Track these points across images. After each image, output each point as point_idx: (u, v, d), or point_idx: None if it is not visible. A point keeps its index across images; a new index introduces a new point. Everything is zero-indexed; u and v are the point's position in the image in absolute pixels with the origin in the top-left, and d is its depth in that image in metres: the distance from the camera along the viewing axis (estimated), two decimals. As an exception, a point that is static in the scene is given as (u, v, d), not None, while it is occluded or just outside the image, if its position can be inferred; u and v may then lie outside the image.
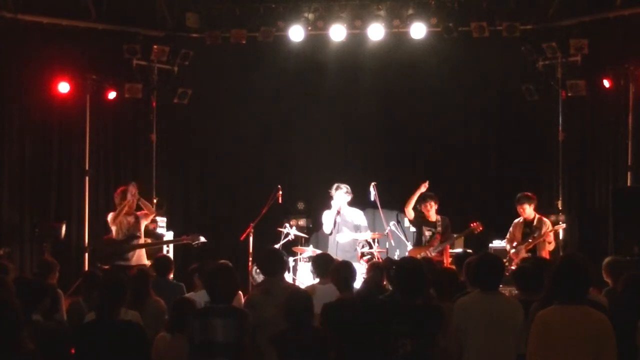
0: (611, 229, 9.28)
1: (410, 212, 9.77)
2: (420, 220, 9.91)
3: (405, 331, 4.81)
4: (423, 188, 9.72)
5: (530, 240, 9.24)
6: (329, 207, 10.04)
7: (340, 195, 9.77)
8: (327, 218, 9.84)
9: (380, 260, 9.38)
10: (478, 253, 6.53)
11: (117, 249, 8.88)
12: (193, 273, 6.71)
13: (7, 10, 10.63)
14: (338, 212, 9.76)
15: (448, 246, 9.70)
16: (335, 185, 9.87)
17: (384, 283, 6.53)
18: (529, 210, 9.37)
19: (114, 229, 8.96)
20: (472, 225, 9.67)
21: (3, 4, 10.58)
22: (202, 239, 9.45)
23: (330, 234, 9.84)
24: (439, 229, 9.68)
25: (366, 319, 5.11)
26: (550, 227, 9.29)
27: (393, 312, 4.96)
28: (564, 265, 4.28)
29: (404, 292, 4.99)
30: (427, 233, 9.74)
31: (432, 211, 9.74)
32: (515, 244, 9.40)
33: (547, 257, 8.98)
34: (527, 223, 9.41)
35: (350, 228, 9.82)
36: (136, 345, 4.66)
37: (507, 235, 9.61)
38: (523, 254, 9.20)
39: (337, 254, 8.94)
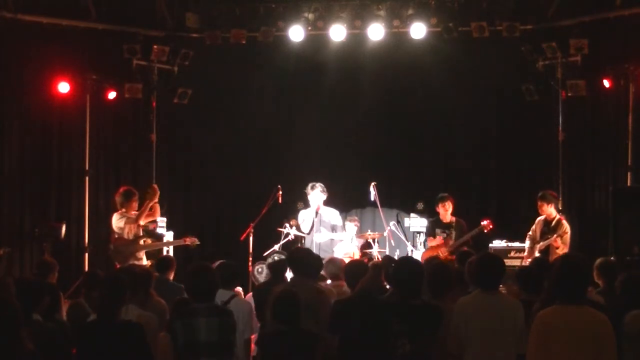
0: (611, 229, 9.25)
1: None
2: (434, 221, 9.87)
3: (404, 331, 4.81)
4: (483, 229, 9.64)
5: (543, 242, 9.19)
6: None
7: (317, 194, 9.76)
8: (306, 217, 9.81)
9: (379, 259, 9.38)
10: (479, 253, 6.52)
11: (132, 248, 8.98)
12: None
13: (7, 10, 10.61)
14: (317, 212, 9.73)
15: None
16: (310, 185, 9.86)
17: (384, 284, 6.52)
18: (547, 209, 9.27)
19: (126, 228, 8.98)
20: (482, 223, 9.63)
21: (3, 4, 10.57)
22: (197, 241, 9.71)
23: (309, 233, 9.82)
24: (452, 230, 9.63)
25: (365, 318, 5.10)
26: (563, 231, 9.15)
27: (392, 311, 4.95)
28: (564, 265, 4.28)
29: (403, 291, 4.99)
30: (441, 235, 9.69)
31: (447, 211, 9.70)
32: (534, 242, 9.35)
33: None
34: (547, 222, 9.34)
35: (327, 227, 9.83)
36: (137, 345, 4.66)
37: (530, 232, 9.56)
38: (535, 254, 9.15)
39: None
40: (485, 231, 9.69)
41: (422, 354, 4.82)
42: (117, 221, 9.04)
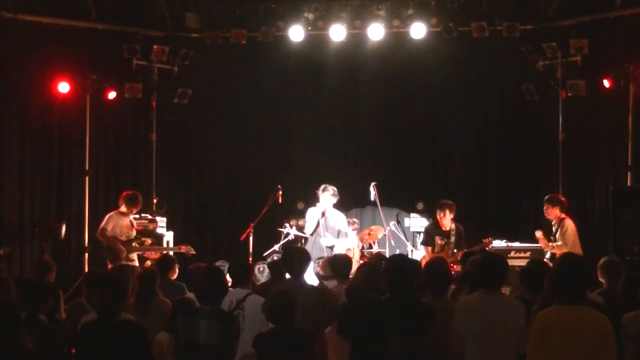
0: (611, 229, 9.24)
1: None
2: (433, 227, 9.81)
3: (396, 329, 4.78)
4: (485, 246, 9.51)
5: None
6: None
7: (327, 197, 9.70)
8: (312, 217, 9.79)
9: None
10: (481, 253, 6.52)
11: (126, 249, 9.06)
12: None
13: (7, 10, 10.61)
14: (323, 214, 9.71)
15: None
16: (322, 187, 9.80)
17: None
18: (552, 212, 9.18)
19: (117, 231, 9.06)
20: (484, 240, 9.48)
21: (3, 4, 10.57)
22: (193, 250, 9.69)
23: (312, 234, 9.80)
24: (452, 238, 9.55)
25: (358, 317, 5.07)
26: (562, 229, 9.05)
27: (384, 310, 4.93)
28: (564, 265, 4.28)
29: (394, 290, 4.97)
30: (440, 242, 9.64)
31: (446, 219, 9.56)
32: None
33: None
34: (554, 225, 9.29)
35: (332, 232, 9.78)
36: (137, 344, 4.66)
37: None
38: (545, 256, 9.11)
39: (316, 256, 8.82)
40: (487, 248, 9.59)
41: (413, 352, 4.80)
42: (106, 221, 9.13)
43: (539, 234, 9.18)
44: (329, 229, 9.76)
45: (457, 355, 4.81)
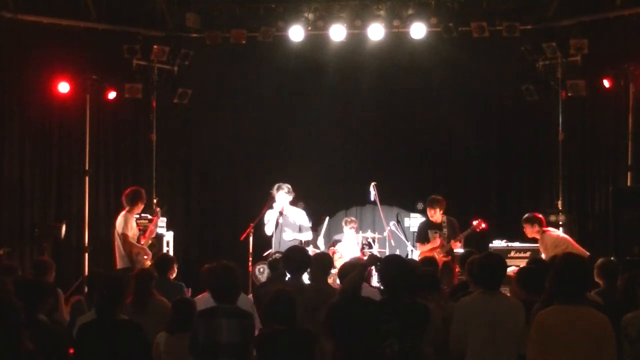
0: (611, 229, 9.25)
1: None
2: (425, 223, 9.90)
3: (393, 330, 4.78)
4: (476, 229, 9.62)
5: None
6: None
7: (282, 195, 9.78)
8: (270, 218, 9.83)
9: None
10: (481, 252, 6.50)
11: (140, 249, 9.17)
12: None
13: (7, 10, 10.61)
14: (281, 213, 9.74)
15: (458, 243, 9.62)
16: (276, 185, 9.88)
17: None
18: (530, 231, 9.21)
19: (131, 234, 9.06)
20: (473, 223, 9.64)
21: (3, 4, 10.57)
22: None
23: (272, 235, 9.82)
24: (445, 230, 9.62)
25: (353, 319, 5.06)
26: (543, 245, 9.04)
27: (380, 311, 4.92)
28: (563, 265, 4.27)
29: (390, 291, 4.96)
30: (434, 235, 9.70)
31: (436, 215, 9.69)
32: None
33: None
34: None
35: (293, 228, 9.84)
36: (136, 344, 4.67)
37: None
38: None
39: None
40: (478, 230, 9.67)
41: (410, 353, 4.79)
42: (123, 225, 9.11)
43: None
44: (290, 225, 9.82)
45: (457, 355, 4.81)
